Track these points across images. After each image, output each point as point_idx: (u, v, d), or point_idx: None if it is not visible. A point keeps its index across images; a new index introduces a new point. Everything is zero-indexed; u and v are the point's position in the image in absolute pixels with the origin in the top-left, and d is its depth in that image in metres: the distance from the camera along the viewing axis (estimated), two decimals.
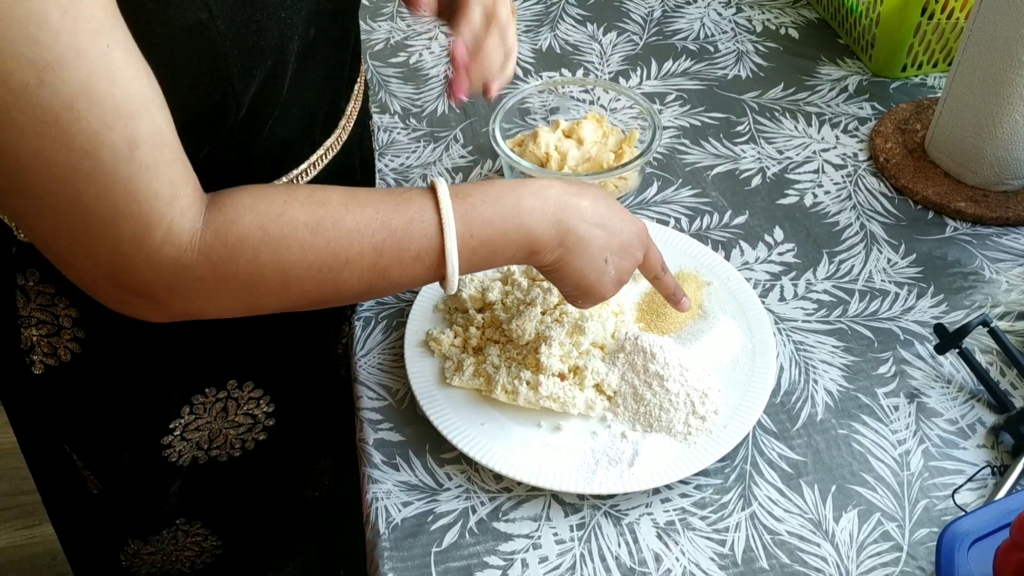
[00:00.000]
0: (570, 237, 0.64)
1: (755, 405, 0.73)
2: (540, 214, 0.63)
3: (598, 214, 0.65)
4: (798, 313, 0.83)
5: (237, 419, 0.79)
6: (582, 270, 0.66)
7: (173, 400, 0.75)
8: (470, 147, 1.01)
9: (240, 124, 0.61)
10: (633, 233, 0.68)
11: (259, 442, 0.82)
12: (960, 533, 0.59)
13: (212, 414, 0.77)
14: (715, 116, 1.05)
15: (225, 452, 0.81)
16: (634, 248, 0.68)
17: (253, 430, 0.81)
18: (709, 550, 0.67)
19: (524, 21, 1.20)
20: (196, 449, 0.80)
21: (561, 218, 0.64)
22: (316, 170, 0.71)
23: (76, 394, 0.74)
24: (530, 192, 0.64)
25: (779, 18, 1.20)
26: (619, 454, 0.70)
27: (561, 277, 0.67)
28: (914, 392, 0.77)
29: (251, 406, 0.79)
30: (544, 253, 0.64)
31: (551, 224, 0.63)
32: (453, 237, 0.60)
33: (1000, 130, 0.89)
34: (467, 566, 0.66)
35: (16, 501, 1.69)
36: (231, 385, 0.77)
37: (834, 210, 0.93)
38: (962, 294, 0.85)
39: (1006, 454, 0.72)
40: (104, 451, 0.79)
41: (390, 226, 0.59)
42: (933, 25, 1.05)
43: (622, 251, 0.67)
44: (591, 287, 0.67)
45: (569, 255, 0.65)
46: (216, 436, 0.80)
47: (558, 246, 0.64)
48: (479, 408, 0.74)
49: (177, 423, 0.76)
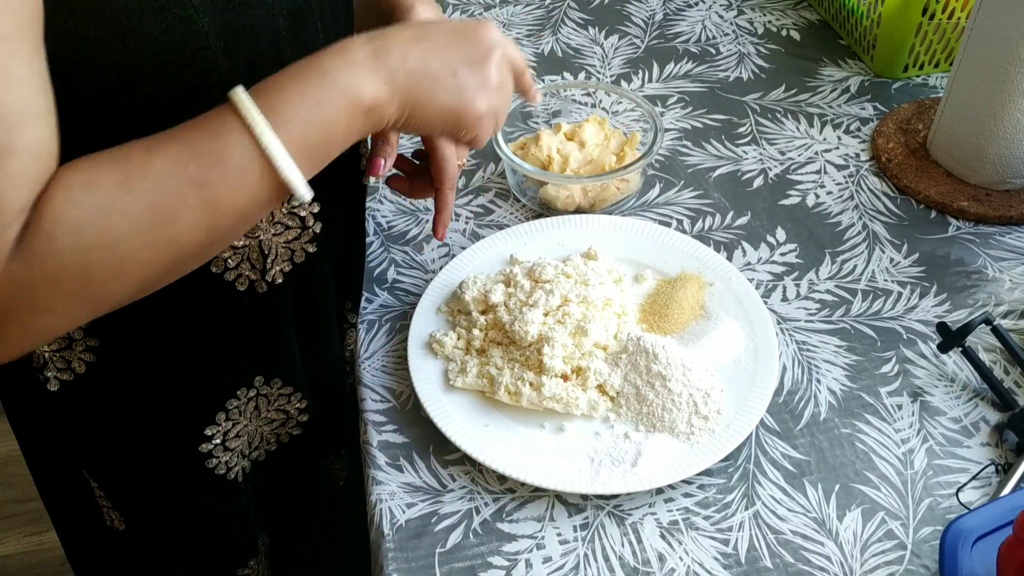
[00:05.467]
0: (400, 75, 0.58)
1: (758, 405, 0.73)
2: (351, 66, 0.57)
3: (419, 36, 0.60)
4: (801, 313, 0.83)
5: (270, 415, 0.80)
6: (436, 99, 0.59)
7: (206, 404, 0.75)
8: (472, 151, 1.01)
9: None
10: (468, 30, 0.62)
11: (293, 436, 0.83)
12: (964, 530, 0.59)
13: (247, 415, 0.78)
14: (717, 118, 1.05)
15: (263, 450, 0.82)
16: (479, 41, 0.62)
17: (286, 425, 0.82)
18: (713, 549, 0.67)
19: (526, 25, 1.21)
20: (242, 458, 0.80)
21: (378, 61, 0.57)
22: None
23: (96, 409, 0.73)
24: (329, 54, 0.57)
25: (780, 20, 1.21)
26: (622, 454, 0.70)
27: (424, 122, 0.61)
28: (917, 391, 0.77)
29: (282, 402, 0.79)
30: (383, 106, 0.58)
31: (369, 71, 0.57)
32: (266, 129, 0.53)
33: (1002, 129, 0.89)
34: (471, 567, 0.66)
35: (23, 508, 1.70)
36: (258, 382, 0.77)
37: (836, 210, 0.93)
38: (965, 293, 0.85)
39: (1010, 452, 0.72)
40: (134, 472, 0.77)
41: (199, 150, 0.53)
42: (934, 25, 1.05)
43: (466, 54, 0.61)
44: (455, 110, 0.61)
45: (412, 92, 0.58)
46: (254, 437, 0.80)
47: (393, 91, 0.58)
48: (482, 410, 0.74)
49: (215, 430, 0.76)
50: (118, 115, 0.57)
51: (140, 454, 0.76)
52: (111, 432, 0.74)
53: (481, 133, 0.64)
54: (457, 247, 0.89)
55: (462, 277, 0.83)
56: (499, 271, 0.83)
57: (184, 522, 0.81)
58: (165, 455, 0.76)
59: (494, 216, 0.93)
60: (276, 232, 0.71)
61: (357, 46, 0.58)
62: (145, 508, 0.80)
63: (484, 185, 0.97)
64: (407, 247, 0.90)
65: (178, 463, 0.77)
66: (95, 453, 0.77)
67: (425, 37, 0.60)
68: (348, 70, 0.56)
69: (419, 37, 0.60)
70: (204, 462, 0.77)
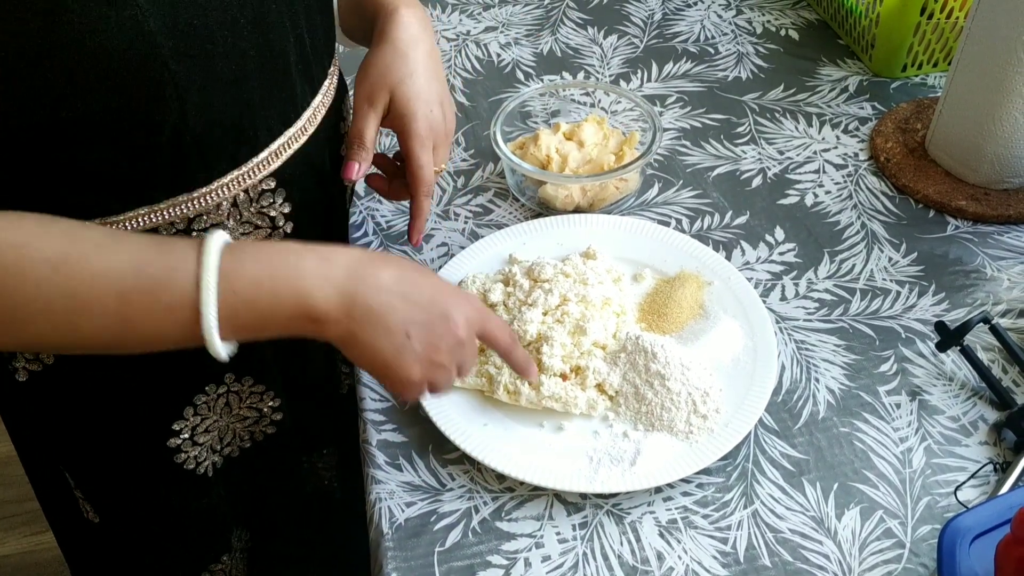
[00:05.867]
0: (358, 308, 0.57)
1: (757, 404, 0.73)
2: (322, 279, 0.57)
3: (402, 284, 0.59)
4: (799, 312, 0.83)
5: (242, 412, 0.79)
6: (376, 345, 0.59)
7: (173, 398, 0.75)
8: (472, 150, 1.01)
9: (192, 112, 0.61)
10: (448, 307, 0.61)
11: (267, 435, 0.83)
12: (962, 529, 0.59)
13: (217, 411, 0.77)
14: (716, 117, 1.05)
15: (236, 446, 0.81)
16: (450, 323, 0.61)
17: (260, 423, 0.81)
18: (712, 548, 0.67)
19: (525, 25, 1.21)
20: (212, 453, 0.80)
21: (349, 286, 0.57)
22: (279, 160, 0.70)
23: (65, 399, 0.73)
24: (315, 255, 0.58)
25: (779, 19, 1.21)
26: (621, 453, 0.71)
27: (355, 354, 0.60)
28: (916, 390, 0.77)
29: (254, 400, 0.79)
30: (328, 324, 0.57)
31: (335, 291, 0.57)
32: (212, 289, 0.54)
33: (1000, 128, 0.89)
34: (470, 565, 0.66)
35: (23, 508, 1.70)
36: (229, 379, 0.77)
37: (835, 210, 0.93)
38: (963, 292, 0.85)
39: (1008, 451, 0.72)
40: (104, 465, 0.78)
41: (142, 272, 0.54)
42: (932, 25, 1.05)
43: (430, 325, 0.60)
44: (388, 364, 0.60)
45: (359, 328, 0.58)
46: (225, 433, 0.80)
47: (344, 317, 0.57)
48: (481, 409, 0.74)
49: (183, 424, 0.76)
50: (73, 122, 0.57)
51: (110, 446, 0.76)
52: (81, 424, 0.74)
53: (406, 394, 0.63)
54: (456, 246, 0.89)
55: (461, 276, 0.83)
56: (498, 270, 0.84)
57: (155, 515, 0.81)
58: (134, 448, 0.76)
59: (493, 216, 0.93)
60: (245, 232, 0.71)
61: (344, 260, 0.58)
62: (116, 500, 0.80)
63: (483, 185, 0.97)
64: (406, 247, 0.90)
65: (147, 456, 0.77)
66: (66, 445, 0.77)
67: (406, 287, 0.59)
68: (319, 280, 0.57)
69: (402, 280, 0.59)
70: (173, 456, 0.77)
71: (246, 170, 0.68)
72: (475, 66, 1.14)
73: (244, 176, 0.68)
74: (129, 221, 0.64)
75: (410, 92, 0.77)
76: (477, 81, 1.11)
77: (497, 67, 1.14)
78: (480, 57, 1.15)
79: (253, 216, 0.71)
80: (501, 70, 1.13)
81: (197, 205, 0.66)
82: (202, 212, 0.67)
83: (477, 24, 1.21)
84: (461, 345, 0.62)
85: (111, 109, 0.56)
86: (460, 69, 1.13)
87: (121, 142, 0.59)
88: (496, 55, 1.16)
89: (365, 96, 0.77)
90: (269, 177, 0.70)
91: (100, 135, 0.58)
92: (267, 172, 0.70)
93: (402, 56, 0.77)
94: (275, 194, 0.71)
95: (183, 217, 0.66)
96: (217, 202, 0.67)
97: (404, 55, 0.77)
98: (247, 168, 0.68)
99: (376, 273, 0.58)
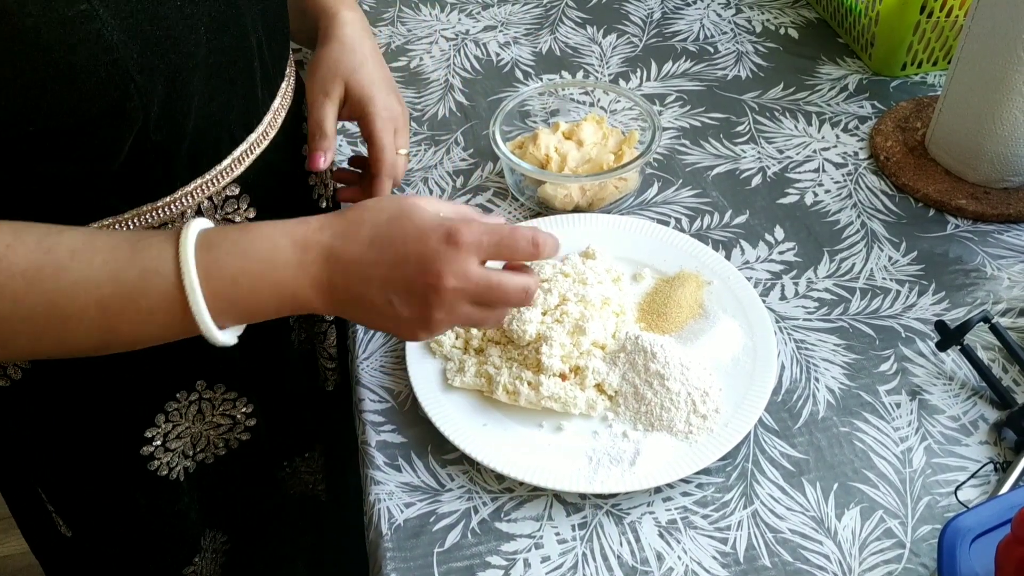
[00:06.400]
0: (338, 292, 0.58)
1: (756, 403, 0.73)
2: (297, 269, 0.57)
3: (376, 248, 0.58)
4: (799, 312, 0.83)
5: (215, 419, 0.79)
6: (366, 319, 0.61)
7: (144, 406, 0.74)
8: (471, 150, 1.01)
9: (155, 122, 0.60)
10: (424, 260, 0.58)
11: (243, 442, 0.82)
12: (962, 529, 0.59)
13: (189, 418, 0.77)
14: (715, 116, 1.05)
15: (211, 453, 0.81)
16: (429, 276, 0.58)
17: (234, 430, 0.81)
18: (711, 548, 0.67)
19: (524, 24, 1.21)
20: (184, 459, 0.79)
21: (324, 274, 0.58)
22: (242, 165, 0.70)
23: (35, 415, 0.72)
24: (289, 240, 0.58)
25: (778, 18, 1.20)
26: (620, 453, 0.70)
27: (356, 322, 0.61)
28: (916, 389, 0.77)
29: (227, 407, 0.79)
30: (315, 308, 0.59)
31: (312, 281, 0.58)
32: (197, 290, 0.54)
33: (1000, 127, 0.89)
34: (469, 566, 0.66)
35: None
36: (200, 386, 0.76)
37: (835, 209, 0.93)
38: (963, 291, 0.84)
39: (1008, 450, 0.72)
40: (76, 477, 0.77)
41: (119, 279, 0.54)
42: (932, 23, 1.05)
43: (410, 287, 0.58)
44: (388, 330, 0.61)
45: (344, 309, 0.59)
46: (198, 440, 0.79)
47: (327, 302, 0.59)
48: (481, 409, 0.74)
49: (155, 432, 0.75)
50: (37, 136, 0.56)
51: (82, 458, 0.75)
52: (52, 437, 0.74)
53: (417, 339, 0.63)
54: None
55: None
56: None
57: (127, 523, 0.81)
58: (107, 458, 0.76)
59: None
60: None
61: (315, 248, 0.58)
62: (88, 513, 0.80)
63: (482, 184, 0.97)
64: None
65: (119, 465, 0.76)
66: (38, 459, 0.76)
67: (381, 249, 0.58)
68: (294, 270, 0.57)
69: (374, 247, 0.58)
70: (146, 464, 0.76)
71: (209, 178, 0.67)
72: (474, 65, 1.14)
73: (208, 184, 0.68)
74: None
75: (364, 79, 0.78)
76: (476, 80, 1.11)
77: (496, 66, 1.14)
78: (479, 56, 1.15)
79: (219, 223, 0.70)
80: (500, 69, 1.13)
81: (161, 214, 0.65)
82: (166, 221, 0.66)
83: (476, 23, 1.21)
84: (459, 292, 0.59)
85: (76, 122, 0.56)
86: (459, 68, 1.13)
87: (85, 153, 0.58)
88: (495, 54, 1.16)
89: (319, 88, 0.77)
90: (233, 183, 0.70)
91: (64, 147, 0.57)
92: (231, 178, 0.69)
93: (350, 50, 0.79)
94: (239, 200, 0.71)
95: (147, 226, 0.65)
96: (182, 210, 0.66)
97: (352, 49, 0.79)
98: (211, 176, 0.68)
99: (349, 247, 0.58)
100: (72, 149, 0.57)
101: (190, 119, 0.63)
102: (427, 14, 1.23)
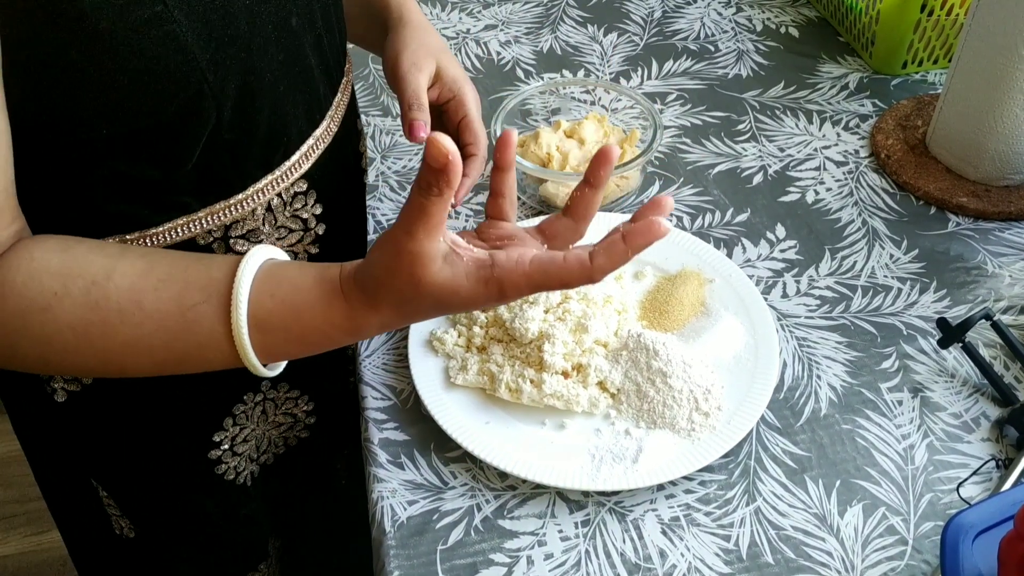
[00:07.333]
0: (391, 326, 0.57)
1: (758, 401, 0.73)
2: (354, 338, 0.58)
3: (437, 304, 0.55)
4: (801, 309, 0.83)
5: (278, 419, 0.80)
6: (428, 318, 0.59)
7: (213, 410, 0.75)
8: None
9: (228, 121, 0.61)
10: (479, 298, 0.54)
11: (301, 440, 0.83)
12: (964, 525, 0.59)
13: (254, 419, 0.78)
14: (716, 115, 1.05)
15: (272, 454, 0.82)
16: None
17: (294, 428, 0.82)
18: (714, 545, 0.67)
19: (525, 23, 1.21)
20: (250, 463, 0.80)
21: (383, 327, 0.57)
22: (309, 161, 0.71)
23: (105, 419, 0.73)
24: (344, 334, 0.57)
25: (779, 17, 1.21)
26: (623, 451, 0.70)
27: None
28: (918, 387, 0.77)
29: (289, 405, 0.79)
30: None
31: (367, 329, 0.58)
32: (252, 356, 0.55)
33: (1001, 125, 0.89)
34: (473, 563, 0.66)
35: (24, 508, 1.70)
36: (264, 386, 0.77)
37: (836, 207, 0.93)
38: (965, 289, 0.85)
39: (1010, 447, 0.72)
40: (145, 480, 0.77)
41: (172, 347, 0.55)
42: (933, 21, 1.05)
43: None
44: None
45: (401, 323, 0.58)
46: (262, 441, 0.80)
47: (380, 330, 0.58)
48: (483, 407, 0.74)
49: (223, 435, 0.76)
50: (113, 138, 0.57)
51: (150, 462, 0.76)
52: (120, 441, 0.74)
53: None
54: None
55: None
56: None
57: (195, 528, 0.81)
58: (175, 462, 0.76)
59: None
60: (280, 236, 0.71)
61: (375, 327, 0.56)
62: (155, 515, 0.80)
63: (484, 183, 0.97)
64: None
65: (188, 470, 0.77)
66: (104, 462, 0.77)
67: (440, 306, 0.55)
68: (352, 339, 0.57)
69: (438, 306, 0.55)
70: (214, 468, 0.77)
71: (279, 174, 0.68)
72: (475, 64, 1.14)
73: (278, 180, 0.69)
74: (167, 232, 0.64)
75: (453, 61, 0.79)
76: (477, 79, 1.11)
77: (497, 65, 1.14)
78: (480, 55, 1.15)
79: (287, 220, 0.71)
80: (501, 68, 1.13)
81: (233, 212, 0.66)
82: (238, 219, 0.67)
83: (477, 22, 1.21)
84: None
85: (152, 122, 0.56)
86: None
87: (160, 153, 0.59)
88: (496, 53, 1.16)
89: (411, 63, 0.76)
90: (301, 179, 0.71)
91: (139, 147, 0.58)
92: (299, 174, 0.70)
93: (432, 33, 0.79)
94: (307, 196, 0.72)
95: (220, 225, 0.66)
96: (252, 208, 0.68)
97: (433, 32, 0.80)
98: (280, 172, 0.69)
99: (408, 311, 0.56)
100: (147, 149, 0.58)
101: (261, 116, 0.64)
102: (428, 13, 1.23)
